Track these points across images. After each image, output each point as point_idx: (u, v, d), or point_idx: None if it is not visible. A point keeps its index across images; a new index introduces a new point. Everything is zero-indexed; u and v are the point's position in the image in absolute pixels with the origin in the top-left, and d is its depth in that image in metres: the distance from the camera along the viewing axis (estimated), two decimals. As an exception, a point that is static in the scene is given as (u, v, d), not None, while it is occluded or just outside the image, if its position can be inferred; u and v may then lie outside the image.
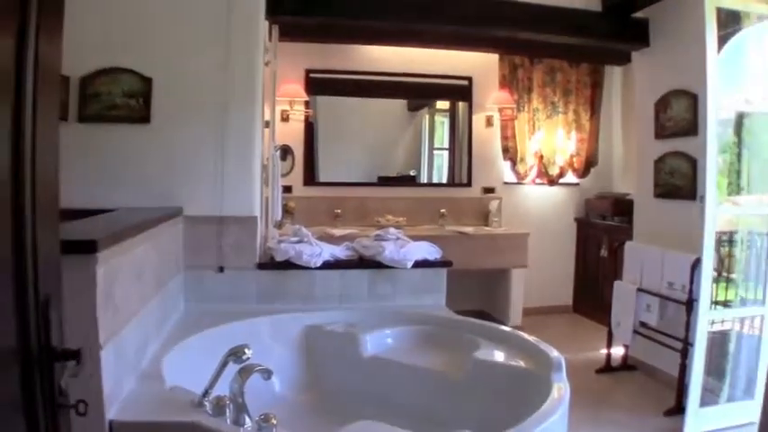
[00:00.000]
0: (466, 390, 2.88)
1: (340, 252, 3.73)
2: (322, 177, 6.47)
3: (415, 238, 4.23)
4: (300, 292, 3.55)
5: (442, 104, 7.01)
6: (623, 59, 6.50)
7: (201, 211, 3.39)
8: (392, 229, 3.92)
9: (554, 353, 2.81)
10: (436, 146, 7.02)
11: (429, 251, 3.78)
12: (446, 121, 7.02)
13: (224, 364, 2.30)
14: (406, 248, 3.67)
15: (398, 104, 6.87)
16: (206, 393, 2.20)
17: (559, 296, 7.25)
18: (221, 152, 3.39)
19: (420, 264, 3.67)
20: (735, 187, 4.70)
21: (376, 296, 3.65)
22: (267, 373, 2.32)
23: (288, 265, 3.51)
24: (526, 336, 3.12)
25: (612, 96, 7.23)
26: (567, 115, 6.98)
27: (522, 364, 2.87)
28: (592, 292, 6.93)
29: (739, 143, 4.67)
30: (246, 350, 2.31)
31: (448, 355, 3.12)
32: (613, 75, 7.19)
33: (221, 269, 3.45)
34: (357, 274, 3.62)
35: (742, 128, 4.64)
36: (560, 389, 2.49)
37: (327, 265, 3.58)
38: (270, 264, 3.53)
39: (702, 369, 4.02)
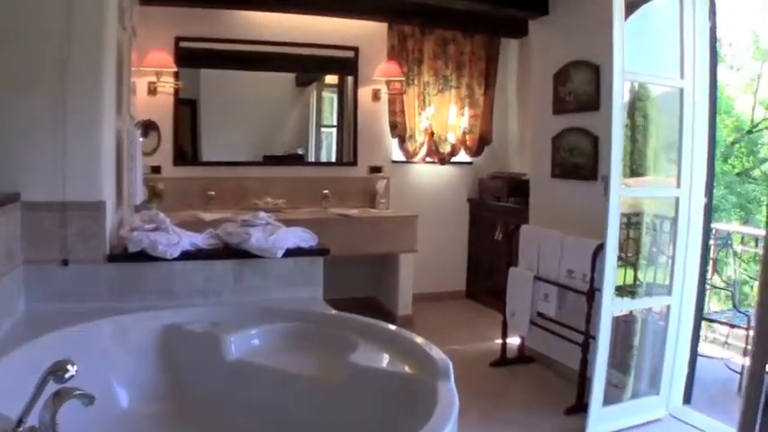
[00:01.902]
0: (341, 398, 2.53)
1: (202, 240, 3.22)
2: (205, 157, 5.92)
3: (294, 221, 3.89)
4: (158, 287, 3.09)
5: (331, 79, 6.56)
6: (520, 32, 6.23)
7: (41, 196, 2.83)
8: (262, 214, 3.44)
9: (441, 356, 2.41)
10: (324, 123, 6.60)
11: (303, 238, 3.34)
12: (334, 96, 6.57)
13: (42, 384, 1.80)
14: (275, 235, 3.21)
15: (287, 80, 6.35)
16: (20, 422, 1.71)
17: (452, 281, 6.95)
18: (63, 128, 2.82)
19: (293, 252, 3.25)
20: (627, 170, 4.44)
21: (244, 290, 3.23)
22: (88, 399, 1.83)
23: (142, 256, 3.00)
24: (412, 336, 2.72)
25: (508, 71, 6.95)
26: (459, 90, 6.63)
27: (405, 368, 2.50)
28: (486, 278, 6.67)
29: (632, 126, 4.44)
30: (70, 366, 1.81)
31: (322, 357, 2.77)
32: (509, 48, 6.91)
33: (65, 262, 2.91)
34: (222, 265, 3.18)
35: (635, 110, 4.43)
36: (448, 398, 2.11)
37: (187, 256, 3.10)
38: (122, 255, 3.02)
39: (606, 365, 3.74)
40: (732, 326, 4.89)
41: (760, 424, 2.87)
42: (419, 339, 2.64)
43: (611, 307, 3.70)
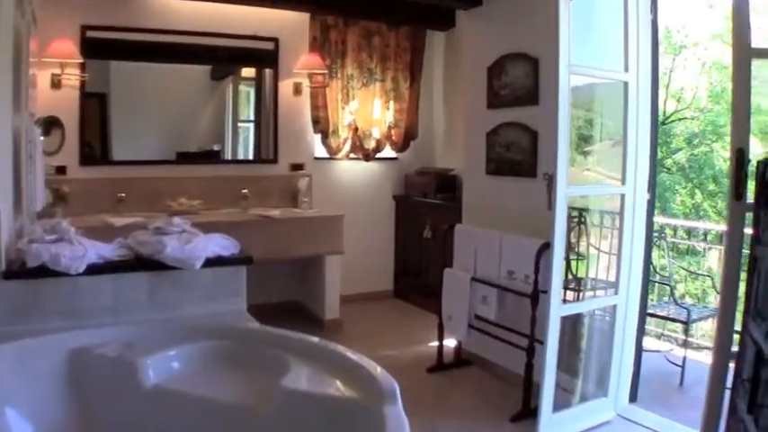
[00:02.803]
0: (272, 429, 2.26)
1: (110, 251, 2.88)
2: (116, 155, 5.46)
3: (212, 224, 3.68)
4: (62, 307, 2.72)
5: (248, 72, 6.19)
6: (446, 24, 6.08)
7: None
8: (177, 220, 3.12)
9: (385, 376, 2.18)
10: (241, 118, 6.25)
11: (223, 245, 3.06)
12: (252, 90, 6.21)
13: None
14: (192, 244, 2.91)
15: (201, 73, 5.94)
16: None
17: (379, 281, 6.74)
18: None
19: (212, 262, 2.96)
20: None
21: (160, 306, 2.91)
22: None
23: (43, 271, 2.64)
24: (351, 353, 2.47)
25: (434, 64, 6.77)
26: (384, 83, 6.41)
27: (345, 391, 2.25)
28: (414, 276, 6.50)
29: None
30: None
31: (250, 381, 2.49)
32: (435, 41, 6.73)
33: (-49, 281, 2.53)
34: (134, 279, 2.85)
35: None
36: (396, 425, 1.91)
37: (94, 270, 2.75)
38: (20, 271, 2.64)
39: (555, 370, 3.60)
40: (673, 320, 4.86)
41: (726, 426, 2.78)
42: (360, 357, 2.41)
43: (559, 310, 3.56)
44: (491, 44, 4.60)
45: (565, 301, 3.78)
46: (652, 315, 4.86)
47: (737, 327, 2.88)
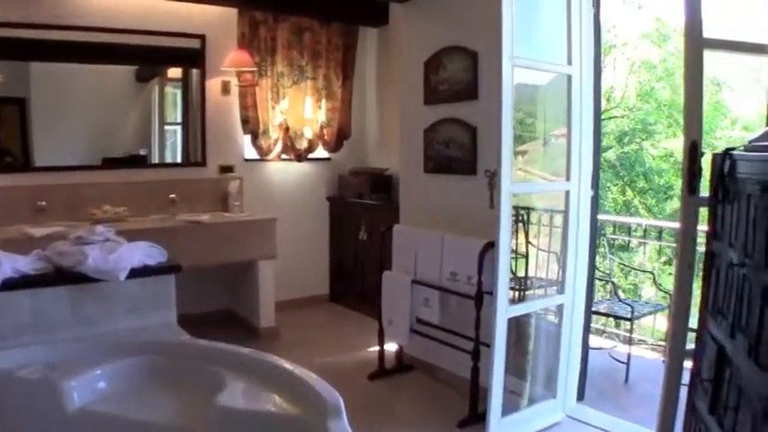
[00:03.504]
0: None
1: (27, 264, 2.64)
2: (38, 162, 5.07)
3: (139, 232, 3.56)
4: (-25, 326, 2.51)
5: (174, 73, 5.87)
6: (379, 20, 5.93)
7: None
8: (99, 228, 2.89)
9: (328, 390, 2.03)
10: (168, 120, 5.93)
11: (149, 254, 2.85)
12: (179, 92, 5.90)
13: None
14: (117, 253, 2.69)
15: (126, 76, 5.56)
16: None
17: (314, 285, 6.54)
18: None
19: (139, 272, 2.76)
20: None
21: (83, 321, 2.71)
22: None
23: (-47, 289, 2.39)
24: (291, 366, 2.31)
25: (367, 61, 6.62)
26: (316, 81, 6.21)
27: (284, 407, 2.13)
28: (351, 280, 6.32)
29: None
30: None
31: (183, 399, 2.33)
32: (368, 38, 6.58)
33: None
34: (54, 294, 2.65)
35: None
36: None
37: (10, 285, 2.53)
38: (-72, 290, 2.40)
39: (503, 373, 3.47)
40: (618, 317, 4.81)
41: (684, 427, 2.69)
42: (301, 370, 2.25)
43: (506, 311, 3.43)
44: (428, 38, 4.46)
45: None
46: (597, 313, 4.81)
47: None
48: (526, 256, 4.39)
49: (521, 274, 4.34)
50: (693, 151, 2.68)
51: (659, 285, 5.71)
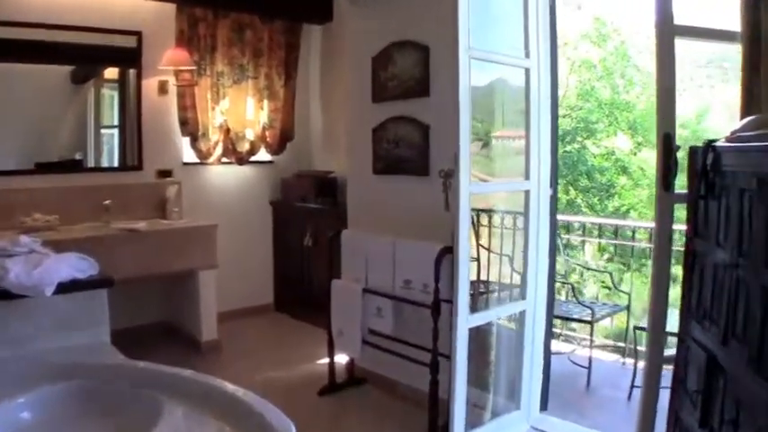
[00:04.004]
0: None
1: (-63, 282, 2.30)
2: None
3: (69, 242, 3.32)
4: None
5: (112, 74, 5.47)
6: (324, 17, 5.65)
7: None
8: (24, 238, 2.57)
9: (279, 418, 1.78)
10: (105, 123, 5.51)
11: (78, 267, 2.53)
12: (116, 93, 5.50)
13: None
14: (42, 267, 2.38)
15: (61, 77, 5.14)
16: None
17: (258, 294, 6.21)
18: None
19: (67, 287, 2.45)
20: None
21: (5, 342, 2.39)
22: None
23: None
24: (233, 389, 2.02)
25: (311, 60, 6.35)
26: (257, 80, 5.90)
27: None
28: (296, 288, 6.01)
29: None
30: None
31: (117, 430, 2.02)
32: (312, 36, 6.30)
33: None
34: None
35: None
36: None
37: None
38: None
39: (465, 387, 3.22)
40: (579, 320, 4.65)
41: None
42: (248, 395, 1.97)
43: (467, 321, 3.19)
44: (376, 32, 4.20)
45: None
46: (558, 317, 4.63)
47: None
48: (477, 260, 4.18)
49: (473, 278, 4.13)
50: (667, 144, 2.48)
51: (617, 286, 5.57)
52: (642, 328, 4.30)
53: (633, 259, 5.85)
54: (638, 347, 4.40)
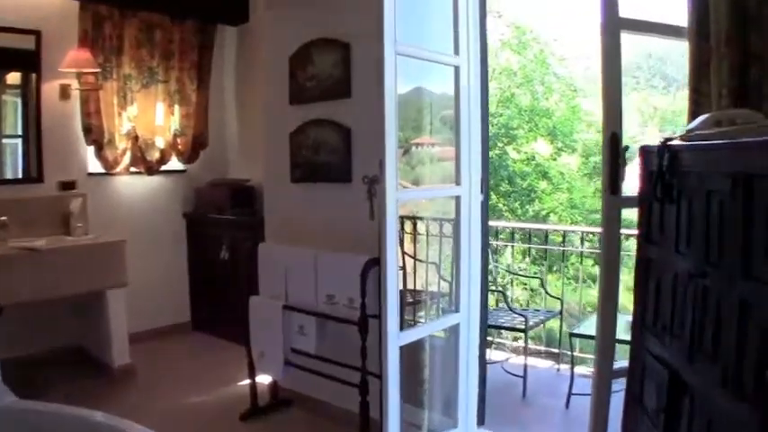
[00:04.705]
0: None
1: None
2: None
3: None
4: None
5: (14, 79, 4.96)
6: (239, 18, 5.31)
7: None
8: None
9: None
10: (7, 132, 5.00)
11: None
12: (19, 100, 4.99)
13: None
14: None
15: None
16: None
17: (174, 312, 5.78)
18: None
19: None
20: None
21: None
22: None
23: None
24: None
25: (225, 63, 5.98)
26: (168, 84, 5.50)
27: None
28: (215, 304, 5.63)
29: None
30: None
31: None
32: (226, 37, 5.94)
33: None
34: None
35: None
36: None
37: None
38: None
39: (399, 407, 2.91)
40: (512, 329, 4.46)
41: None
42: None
43: (397, 339, 2.89)
44: (294, 30, 3.89)
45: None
46: (492, 326, 4.43)
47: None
48: (403, 268, 3.92)
49: (399, 287, 3.87)
50: (614, 145, 2.25)
51: (548, 292, 5.40)
52: (579, 335, 4.15)
53: (565, 264, 5.73)
54: (574, 353, 4.29)
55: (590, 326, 4.35)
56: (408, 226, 4.37)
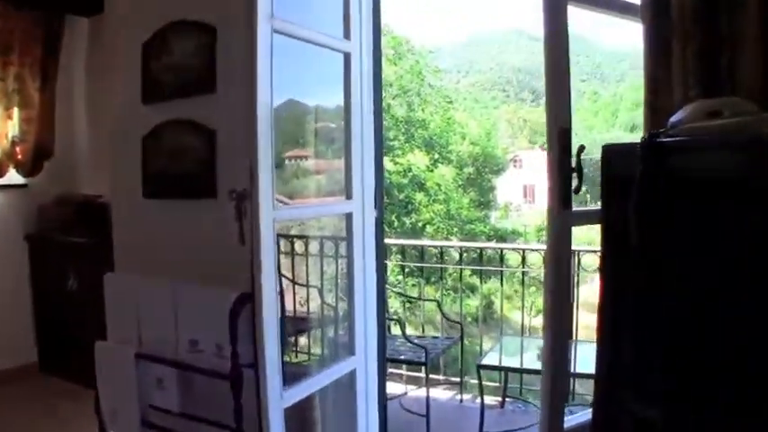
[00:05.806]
0: None
1: None
2: None
3: None
4: None
5: None
6: (92, 8, 4.54)
7: None
8: None
9: None
10: None
11: None
12: None
13: None
14: None
15: None
16: None
17: (16, 353, 4.78)
18: None
19: None
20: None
21: None
22: None
23: None
24: None
25: (76, 59, 5.11)
26: (5, 83, 4.64)
27: None
28: (65, 342, 4.69)
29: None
30: None
31: None
32: (76, 30, 5.08)
33: None
34: None
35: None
36: None
37: None
38: None
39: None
40: (412, 363, 4.01)
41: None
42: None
43: (280, 399, 2.20)
44: (149, 11, 3.10)
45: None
46: (392, 360, 3.95)
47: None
48: (281, 293, 3.26)
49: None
50: (564, 143, 1.66)
51: (445, 315, 4.86)
52: (487, 367, 3.74)
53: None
54: (483, 382, 3.88)
55: (495, 356, 3.95)
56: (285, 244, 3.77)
